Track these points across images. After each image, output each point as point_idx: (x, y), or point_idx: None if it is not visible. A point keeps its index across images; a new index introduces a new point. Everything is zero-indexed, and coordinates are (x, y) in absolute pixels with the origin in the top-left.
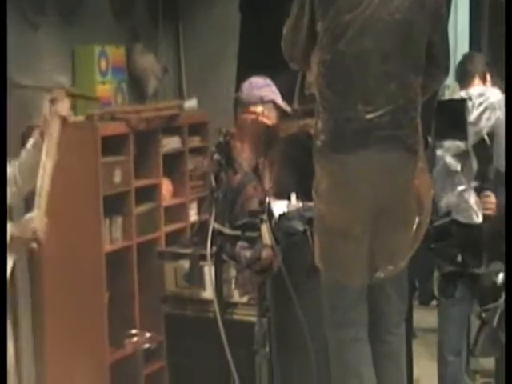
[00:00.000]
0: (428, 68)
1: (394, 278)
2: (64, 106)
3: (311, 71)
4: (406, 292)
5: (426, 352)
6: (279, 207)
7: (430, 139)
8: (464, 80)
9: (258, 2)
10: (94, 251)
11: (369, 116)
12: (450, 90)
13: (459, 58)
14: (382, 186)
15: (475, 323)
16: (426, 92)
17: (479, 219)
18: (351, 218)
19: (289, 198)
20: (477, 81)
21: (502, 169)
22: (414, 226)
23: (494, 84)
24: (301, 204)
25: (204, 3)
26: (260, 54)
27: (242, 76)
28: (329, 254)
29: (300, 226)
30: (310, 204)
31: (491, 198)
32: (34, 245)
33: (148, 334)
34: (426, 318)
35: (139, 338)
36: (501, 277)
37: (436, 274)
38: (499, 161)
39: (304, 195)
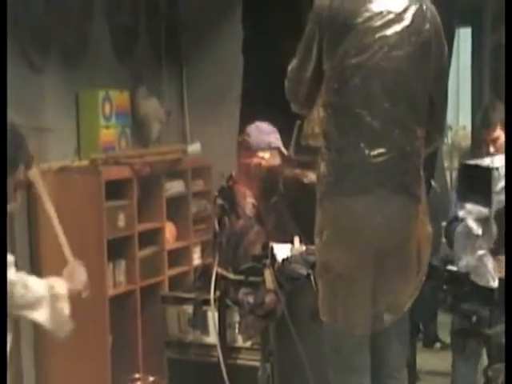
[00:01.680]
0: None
1: (396, 323)
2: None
3: (311, 116)
4: (407, 336)
5: None
6: (282, 251)
7: (433, 183)
8: (486, 127)
9: (260, 45)
10: (98, 295)
11: (374, 160)
12: (453, 131)
13: (461, 99)
14: (385, 231)
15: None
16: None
17: (495, 283)
18: (354, 262)
19: (292, 242)
20: (498, 129)
21: None
22: (416, 273)
23: None
24: (304, 248)
25: (206, 45)
26: (264, 96)
27: (245, 119)
28: (332, 302)
29: (303, 270)
30: (314, 248)
31: (502, 263)
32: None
33: (151, 379)
34: (429, 360)
35: (142, 382)
36: None
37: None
38: None
39: (307, 239)
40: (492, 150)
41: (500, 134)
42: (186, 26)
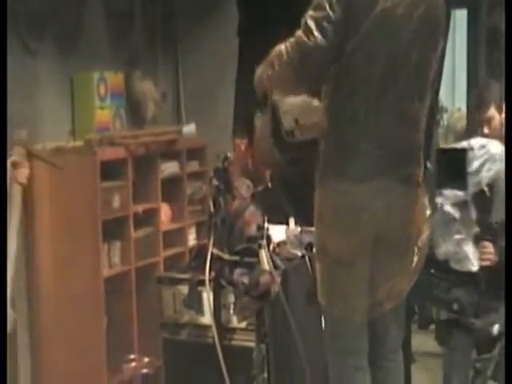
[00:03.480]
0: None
1: (392, 311)
2: (23, 174)
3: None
4: (403, 318)
5: (425, 377)
6: (277, 232)
7: (429, 164)
8: (480, 107)
9: (255, 26)
10: (93, 276)
11: (379, 151)
12: (449, 113)
13: (457, 81)
14: (385, 218)
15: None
16: None
17: (474, 268)
18: (353, 247)
19: (287, 223)
20: (492, 109)
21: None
22: (415, 259)
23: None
24: (299, 229)
25: (202, 28)
26: None
27: (240, 101)
28: (330, 287)
29: (298, 251)
30: (309, 229)
31: (489, 249)
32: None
33: (146, 359)
34: (424, 342)
35: (137, 363)
36: (496, 328)
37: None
38: (498, 212)
39: (302, 220)
40: (486, 130)
41: (494, 114)
42: (182, 10)
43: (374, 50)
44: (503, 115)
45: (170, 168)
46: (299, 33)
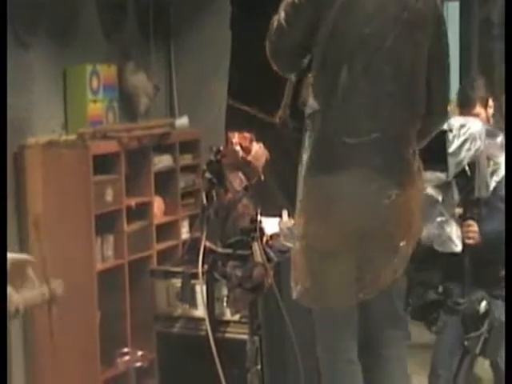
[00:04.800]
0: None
1: (383, 301)
2: None
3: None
4: (397, 315)
5: (418, 367)
6: (271, 225)
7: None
8: (465, 106)
9: (248, 19)
10: (86, 270)
11: (354, 140)
12: None
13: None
14: (364, 208)
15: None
16: (422, 135)
17: (458, 248)
18: (334, 237)
19: (280, 216)
20: (478, 107)
21: (483, 196)
22: (399, 250)
23: (496, 109)
24: (292, 221)
25: (195, 21)
26: (251, 71)
27: (233, 93)
28: (315, 278)
29: (292, 244)
30: None
31: (473, 228)
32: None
33: (140, 353)
34: (418, 333)
35: (131, 357)
36: (483, 305)
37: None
38: (480, 190)
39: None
40: None
41: (480, 110)
42: (175, 2)
43: (343, 35)
44: (490, 110)
45: (163, 161)
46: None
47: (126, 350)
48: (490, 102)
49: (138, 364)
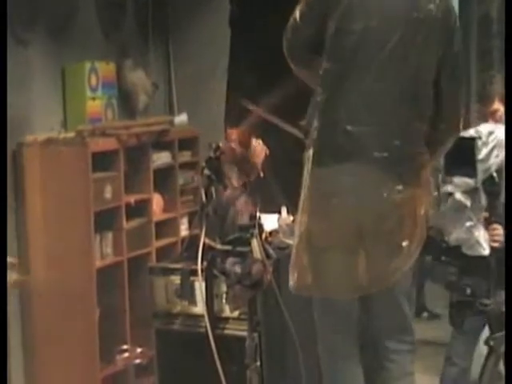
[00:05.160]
0: (433, 119)
1: (389, 305)
2: None
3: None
4: (404, 320)
5: (420, 365)
6: (270, 221)
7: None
8: (483, 102)
9: (247, 17)
10: (85, 267)
11: (354, 128)
12: None
13: None
14: (365, 204)
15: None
16: (436, 144)
17: (486, 252)
18: (334, 230)
19: (279, 212)
20: (496, 103)
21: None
22: (402, 249)
23: None
24: (291, 218)
25: (194, 18)
26: (250, 68)
27: (232, 90)
28: (312, 267)
29: (291, 240)
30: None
31: (499, 231)
32: None
33: (139, 350)
34: (417, 330)
35: (130, 354)
36: None
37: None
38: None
39: (295, 209)
40: (491, 122)
41: (499, 106)
42: (174, 0)
43: (351, 29)
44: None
45: (161, 158)
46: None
47: (125, 346)
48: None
49: (138, 361)
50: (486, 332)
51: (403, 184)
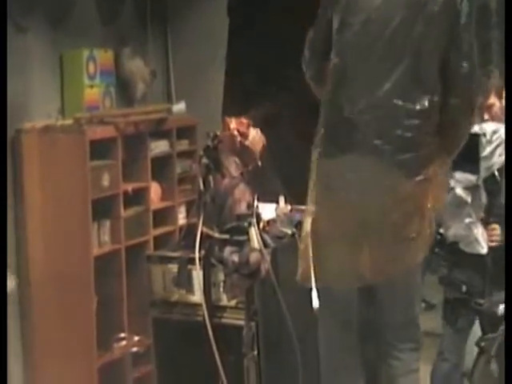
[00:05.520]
0: (444, 96)
1: (397, 300)
2: None
3: None
4: (412, 317)
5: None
6: (267, 211)
7: None
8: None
9: (245, 6)
10: (83, 255)
11: (355, 115)
12: None
13: None
14: (367, 194)
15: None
16: (445, 136)
17: (484, 250)
18: (338, 222)
19: (277, 202)
20: (492, 97)
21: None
22: (408, 242)
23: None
24: (289, 207)
25: (192, 7)
26: (248, 57)
27: (230, 78)
28: (316, 257)
29: (288, 229)
30: (299, 207)
31: (497, 231)
32: None
33: (136, 338)
34: None
35: (127, 342)
36: (501, 308)
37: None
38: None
39: (292, 198)
40: (486, 116)
41: (494, 100)
42: None
43: (353, 21)
44: (503, 101)
45: (159, 147)
46: None
47: (122, 335)
48: (503, 93)
49: (135, 349)
50: (477, 331)
51: (407, 175)
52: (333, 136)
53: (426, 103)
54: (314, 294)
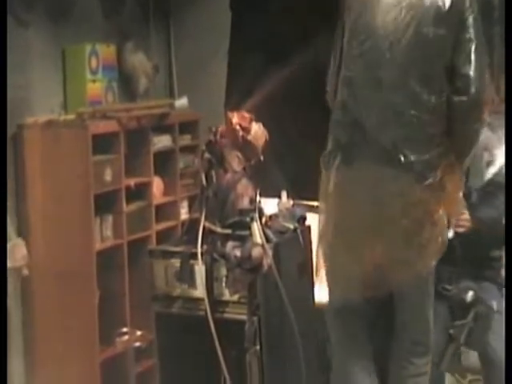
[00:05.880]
0: (451, 96)
1: (408, 305)
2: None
3: None
4: (425, 323)
5: None
6: (270, 205)
7: None
8: None
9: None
10: (85, 250)
11: (363, 120)
12: None
13: None
14: (378, 202)
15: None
16: (454, 130)
17: (449, 234)
18: (348, 227)
19: (279, 197)
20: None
21: (476, 185)
22: (419, 249)
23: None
24: (291, 202)
25: (195, 1)
26: (250, 52)
27: (233, 73)
28: (333, 268)
29: (291, 224)
30: (301, 202)
31: (465, 216)
32: (26, 271)
33: (139, 333)
34: None
35: (130, 337)
36: (470, 295)
37: None
38: (475, 179)
39: (295, 193)
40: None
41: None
42: None
43: (356, 28)
44: (501, 94)
45: (162, 141)
46: None
47: (124, 329)
48: (502, 86)
49: (137, 344)
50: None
51: (417, 179)
52: (343, 141)
53: (434, 102)
54: (317, 289)
